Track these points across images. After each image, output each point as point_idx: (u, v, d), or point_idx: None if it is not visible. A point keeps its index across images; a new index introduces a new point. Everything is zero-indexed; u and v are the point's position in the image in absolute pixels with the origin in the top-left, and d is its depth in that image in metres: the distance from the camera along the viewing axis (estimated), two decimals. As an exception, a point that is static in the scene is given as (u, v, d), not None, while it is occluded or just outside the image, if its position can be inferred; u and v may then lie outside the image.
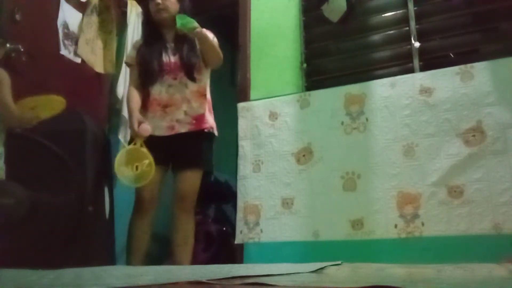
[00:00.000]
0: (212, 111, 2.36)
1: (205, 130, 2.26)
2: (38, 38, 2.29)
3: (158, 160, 2.16)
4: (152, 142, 2.14)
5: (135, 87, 2.27)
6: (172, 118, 2.22)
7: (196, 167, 2.24)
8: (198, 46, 2.27)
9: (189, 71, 2.24)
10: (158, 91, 2.23)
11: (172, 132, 2.21)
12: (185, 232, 2.21)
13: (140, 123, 2.11)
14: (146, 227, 2.18)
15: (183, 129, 2.22)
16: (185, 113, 2.23)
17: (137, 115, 2.15)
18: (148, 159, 2.04)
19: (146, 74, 2.26)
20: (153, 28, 2.33)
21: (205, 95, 2.30)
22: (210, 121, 2.30)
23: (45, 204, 1.79)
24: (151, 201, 2.19)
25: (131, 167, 2.06)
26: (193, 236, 2.24)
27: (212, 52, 2.27)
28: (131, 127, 2.14)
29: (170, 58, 2.27)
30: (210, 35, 2.31)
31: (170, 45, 2.31)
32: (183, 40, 2.29)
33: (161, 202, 2.28)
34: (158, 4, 2.26)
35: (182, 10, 2.30)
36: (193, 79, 2.24)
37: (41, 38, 2.33)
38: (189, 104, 2.24)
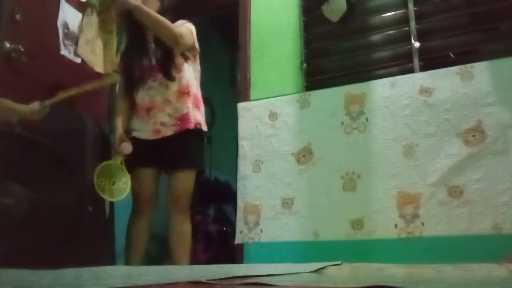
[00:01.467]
0: (199, 106, 2.32)
1: (191, 128, 2.22)
2: (38, 38, 2.29)
3: (150, 163, 2.19)
4: (141, 146, 2.17)
5: (121, 96, 2.31)
6: (156, 121, 2.21)
7: (187, 168, 2.22)
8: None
9: (166, 71, 2.22)
10: (141, 95, 2.24)
11: (159, 136, 2.20)
12: (182, 233, 2.20)
13: (122, 141, 2.14)
14: (145, 227, 2.19)
15: (168, 131, 2.20)
16: (169, 115, 2.21)
17: (120, 132, 2.18)
18: (125, 177, 2.10)
19: (129, 81, 2.28)
20: (135, 29, 2.31)
21: (187, 93, 2.25)
22: (196, 117, 2.26)
23: (45, 204, 1.79)
24: (149, 202, 2.20)
25: (108, 181, 2.08)
26: (190, 235, 2.24)
27: (158, 29, 2.18)
28: (113, 144, 2.17)
29: (151, 61, 2.26)
30: (181, 23, 2.25)
31: (151, 46, 2.29)
32: (155, 36, 2.26)
33: (160, 202, 2.28)
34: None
35: (161, 10, 2.28)
36: (171, 78, 2.22)
37: (41, 38, 2.33)
38: (172, 105, 2.22)
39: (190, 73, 2.31)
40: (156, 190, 2.23)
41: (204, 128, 2.31)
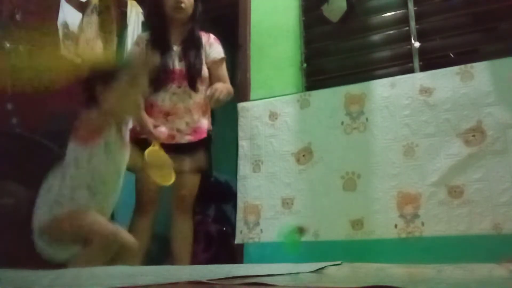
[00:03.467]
0: (208, 112, 2.33)
1: (205, 138, 2.24)
2: (38, 38, 2.29)
3: None
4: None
5: None
6: (173, 127, 2.19)
7: (194, 171, 2.21)
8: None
9: (193, 81, 2.22)
10: (161, 98, 2.20)
11: (172, 141, 2.18)
12: (184, 232, 2.21)
13: (155, 126, 2.11)
14: (147, 227, 2.17)
15: (182, 140, 2.20)
16: (187, 124, 2.21)
17: (148, 118, 2.13)
18: (169, 162, 2.06)
19: (154, 81, 2.19)
20: (163, 26, 2.29)
21: (206, 105, 2.26)
22: (207, 126, 2.29)
23: (45, 204, 1.78)
24: (152, 202, 2.19)
25: (156, 167, 2.05)
26: (192, 236, 2.25)
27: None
28: (147, 131, 2.10)
29: (176, 65, 2.24)
30: (221, 87, 2.23)
31: (177, 48, 2.27)
32: (190, 45, 2.27)
33: (161, 202, 2.28)
34: (181, 2, 2.22)
35: (192, 19, 2.29)
36: (196, 89, 2.22)
37: (41, 38, 2.33)
38: (191, 115, 2.22)
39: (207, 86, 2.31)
40: (159, 191, 2.21)
41: (211, 134, 2.32)
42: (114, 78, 1.67)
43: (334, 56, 2.78)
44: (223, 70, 2.35)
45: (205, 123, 2.27)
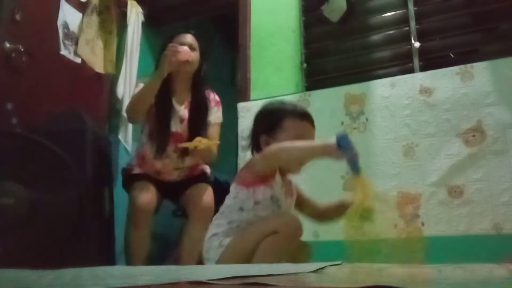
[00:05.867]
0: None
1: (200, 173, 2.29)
2: (38, 38, 2.29)
3: (155, 185, 2.15)
4: (147, 176, 2.18)
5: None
6: (164, 178, 2.23)
7: (202, 182, 2.26)
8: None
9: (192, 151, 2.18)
10: (154, 158, 2.19)
11: (161, 178, 2.22)
12: (197, 240, 2.08)
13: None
14: (144, 237, 2.09)
15: (178, 178, 2.26)
16: (178, 175, 2.25)
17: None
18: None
19: (153, 141, 2.21)
20: (166, 81, 2.16)
21: (198, 168, 2.30)
22: (204, 168, 2.33)
23: (45, 204, 1.79)
24: (147, 214, 2.09)
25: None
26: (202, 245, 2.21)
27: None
28: (167, 58, 2.05)
29: (176, 128, 2.21)
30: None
31: (179, 107, 2.24)
32: (195, 105, 2.25)
33: (161, 203, 2.27)
34: (189, 54, 2.16)
35: (199, 72, 2.27)
36: (189, 154, 2.21)
37: (41, 38, 2.33)
38: (182, 174, 2.26)
39: None
40: (154, 205, 2.12)
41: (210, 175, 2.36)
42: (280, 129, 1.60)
43: (334, 56, 2.78)
44: (216, 132, 2.32)
45: (200, 168, 2.32)
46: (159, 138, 2.17)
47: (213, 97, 2.36)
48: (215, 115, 2.32)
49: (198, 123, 2.22)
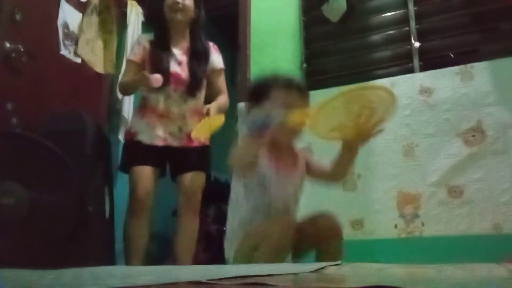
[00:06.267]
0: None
1: (198, 145, 2.23)
2: (38, 38, 2.29)
3: (151, 163, 2.15)
4: (145, 149, 2.15)
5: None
6: (165, 130, 2.19)
7: (196, 169, 2.23)
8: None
9: (193, 87, 2.21)
10: (156, 99, 2.20)
11: (164, 144, 2.18)
12: (189, 232, 2.19)
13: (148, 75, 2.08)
14: (143, 227, 2.14)
15: (174, 143, 2.20)
16: (179, 128, 2.21)
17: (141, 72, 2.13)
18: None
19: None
20: (163, 29, 2.28)
21: (201, 113, 2.25)
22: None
23: (45, 204, 1.79)
24: (145, 201, 2.14)
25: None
26: (196, 237, 2.23)
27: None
28: (143, 79, 2.07)
29: (173, 68, 2.22)
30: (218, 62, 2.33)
31: (177, 52, 2.26)
32: (193, 50, 2.27)
33: (161, 202, 2.27)
34: (177, 3, 2.21)
35: (195, 22, 2.29)
36: (193, 94, 2.22)
37: (41, 38, 2.33)
38: (184, 120, 2.21)
39: (203, 95, 2.32)
40: (153, 191, 2.18)
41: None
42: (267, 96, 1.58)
43: (334, 56, 2.78)
44: (222, 80, 2.36)
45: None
46: (160, 73, 2.17)
47: (213, 45, 2.38)
48: (216, 59, 2.35)
49: (197, 67, 2.25)
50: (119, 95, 2.87)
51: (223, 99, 2.32)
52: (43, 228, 1.77)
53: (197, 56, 2.27)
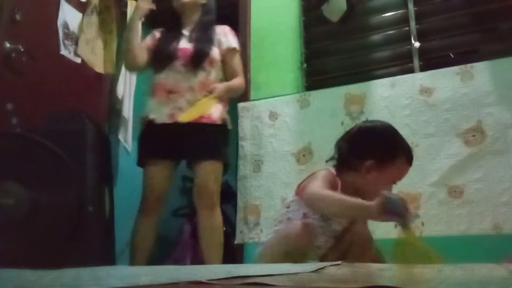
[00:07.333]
0: (224, 104, 2.28)
1: (210, 123, 2.16)
2: (38, 38, 2.29)
3: (166, 153, 2.13)
4: (158, 133, 2.13)
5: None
6: (174, 106, 2.15)
7: (211, 158, 2.13)
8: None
9: (198, 59, 2.21)
10: (166, 75, 2.21)
11: (172, 120, 2.12)
12: (210, 230, 2.08)
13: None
14: (153, 227, 2.12)
15: (191, 117, 2.11)
16: (188, 101, 2.15)
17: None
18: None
19: (159, 58, 2.24)
20: (171, 14, 2.34)
21: (211, 88, 2.19)
22: (218, 114, 2.20)
23: (45, 204, 1.79)
24: (159, 199, 2.13)
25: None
26: (221, 233, 2.12)
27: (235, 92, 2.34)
28: (135, 10, 2.24)
29: (182, 44, 2.26)
30: (233, 41, 2.35)
31: (187, 33, 2.31)
32: (201, 29, 2.30)
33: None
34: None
35: (204, 5, 2.35)
36: (201, 67, 2.20)
37: (41, 38, 2.33)
38: (193, 93, 2.16)
39: (219, 72, 2.30)
40: (167, 189, 2.14)
41: (229, 126, 2.29)
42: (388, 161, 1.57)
43: (334, 56, 2.78)
44: (237, 60, 2.36)
45: (214, 110, 2.18)
46: (167, 52, 2.22)
47: (226, 27, 2.40)
48: (231, 39, 2.35)
49: (202, 37, 2.27)
50: (119, 95, 2.87)
51: (237, 81, 2.31)
52: (43, 228, 1.76)
53: (201, 30, 2.31)
